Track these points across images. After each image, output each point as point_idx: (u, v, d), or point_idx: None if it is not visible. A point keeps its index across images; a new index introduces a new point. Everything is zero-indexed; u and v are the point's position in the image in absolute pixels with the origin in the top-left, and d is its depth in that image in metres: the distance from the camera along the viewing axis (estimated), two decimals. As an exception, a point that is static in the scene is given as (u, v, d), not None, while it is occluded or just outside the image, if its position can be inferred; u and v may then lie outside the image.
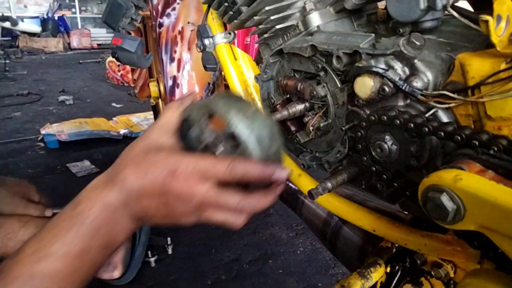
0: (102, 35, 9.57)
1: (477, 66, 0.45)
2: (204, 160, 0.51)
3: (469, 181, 0.39)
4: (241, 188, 0.53)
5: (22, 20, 9.09)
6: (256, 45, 1.39)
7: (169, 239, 1.58)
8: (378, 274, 0.60)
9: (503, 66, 0.43)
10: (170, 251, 1.58)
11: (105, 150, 2.77)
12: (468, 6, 0.73)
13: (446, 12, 0.52)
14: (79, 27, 10.03)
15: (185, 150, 0.56)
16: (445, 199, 0.41)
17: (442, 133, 0.46)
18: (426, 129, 0.47)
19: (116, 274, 1.25)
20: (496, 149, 0.42)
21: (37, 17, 9.42)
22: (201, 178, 0.50)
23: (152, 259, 1.51)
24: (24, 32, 8.74)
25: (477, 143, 0.43)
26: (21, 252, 0.51)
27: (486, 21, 0.41)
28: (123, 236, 0.56)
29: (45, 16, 9.43)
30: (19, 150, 2.77)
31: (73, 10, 10.23)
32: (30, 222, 1.10)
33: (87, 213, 0.52)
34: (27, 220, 1.09)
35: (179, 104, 0.59)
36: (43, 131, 2.95)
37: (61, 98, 4.28)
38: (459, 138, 0.44)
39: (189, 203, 0.51)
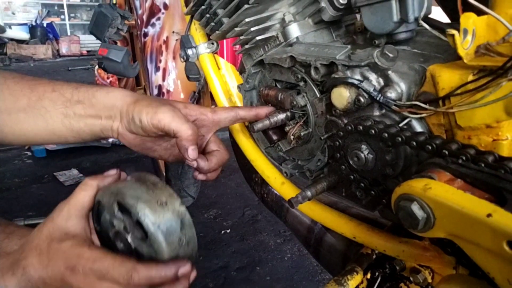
0: (91, 41, 9.53)
1: (447, 78, 0.47)
2: (104, 259, 0.50)
3: (437, 190, 0.40)
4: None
5: (10, 27, 9.02)
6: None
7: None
8: (355, 281, 0.61)
9: (470, 77, 0.44)
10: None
11: (93, 158, 2.76)
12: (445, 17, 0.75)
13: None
14: (68, 33, 9.98)
15: (98, 233, 0.56)
16: (415, 208, 0.42)
17: (414, 143, 0.47)
18: (399, 139, 0.48)
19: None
20: (464, 158, 0.43)
21: (25, 24, 9.36)
22: (100, 278, 0.50)
23: (140, 268, 1.50)
24: (12, 39, 8.67)
25: (447, 152, 0.44)
26: None
27: (453, 35, 0.42)
28: None
29: (34, 23, 9.37)
30: (6, 159, 2.75)
31: (62, 17, 10.18)
32: (14, 232, 1.09)
33: None
34: (10, 231, 1.08)
35: (94, 185, 0.58)
36: (30, 140, 2.93)
37: (49, 105, 4.25)
38: (430, 147, 0.46)
39: None
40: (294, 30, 0.66)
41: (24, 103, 0.68)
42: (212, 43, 0.87)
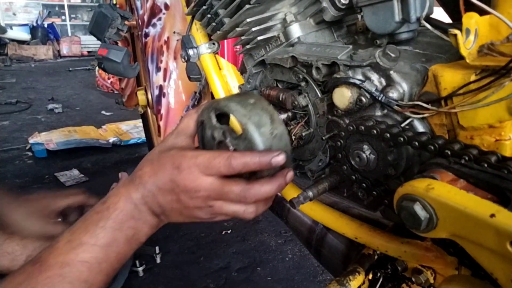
0: (92, 42, 9.53)
1: (449, 78, 0.47)
2: (203, 154, 0.54)
3: (440, 191, 0.40)
4: (247, 178, 0.56)
5: (11, 28, 9.02)
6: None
7: (157, 248, 1.58)
8: (357, 282, 0.61)
9: (473, 77, 0.44)
10: (158, 260, 1.58)
11: (94, 159, 2.76)
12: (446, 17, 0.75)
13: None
14: (69, 34, 9.98)
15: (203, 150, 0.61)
16: (418, 208, 0.41)
17: (417, 143, 0.47)
18: (402, 139, 0.48)
19: None
20: (467, 158, 0.43)
21: (26, 24, 9.36)
22: (203, 171, 0.54)
23: (140, 269, 1.50)
24: (13, 40, 8.67)
25: (449, 152, 0.44)
26: (56, 243, 0.57)
27: (455, 35, 0.42)
28: (147, 231, 0.60)
29: (35, 24, 9.37)
30: (7, 159, 2.75)
31: (63, 17, 10.17)
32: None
33: (113, 207, 0.57)
34: (12, 232, 1.08)
35: (195, 111, 0.63)
36: (31, 140, 2.93)
37: (50, 106, 4.25)
38: (432, 147, 0.45)
39: (197, 197, 0.55)
40: (296, 30, 0.66)
41: None
42: (213, 44, 0.87)
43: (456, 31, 0.42)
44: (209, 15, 0.77)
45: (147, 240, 0.62)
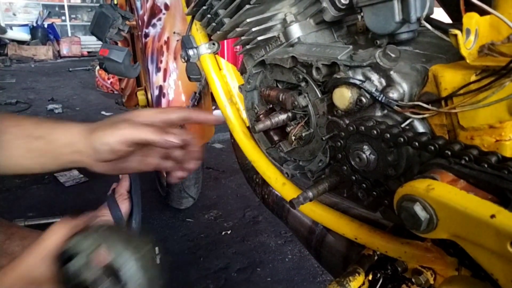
0: (92, 42, 9.54)
1: (449, 78, 0.47)
2: None
3: (440, 191, 0.40)
4: None
5: (11, 28, 9.02)
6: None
7: (157, 248, 1.58)
8: (357, 282, 0.60)
9: (473, 78, 0.44)
10: (158, 261, 1.57)
11: (94, 159, 2.75)
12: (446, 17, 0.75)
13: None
14: (69, 34, 9.99)
15: (61, 280, 0.56)
16: (418, 208, 0.41)
17: (417, 143, 0.47)
18: (402, 139, 0.48)
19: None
20: (467, 159, 0.43)
21: (26, 25, 9.37)
22: None
23: (140, 269, 1.50)
24: (13, 40, 8.68)
25: (449, 153, 0.44)
26: None
27: (455, 35, 0.42)
28: None
29: (35, 24, 9.38)
30: None
31: (63, 17, 10.18)
32: (15, 234, 1.09)
33: None
34: (12, 233, 1.08)
35: (68, 229, 0.59)
36: (31, 140, 2.93)
37: (50, 106, 4.25)
38: (432, 148, 0.45)
39: None
40: (296, 31, 0.66)
41: None
42: (213, 44, 0.87)
43: (457, 31, 0.42)
44: (209, 15, 0.77)
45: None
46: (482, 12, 0.44)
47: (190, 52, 0.86)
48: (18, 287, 0.54)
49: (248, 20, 0.67)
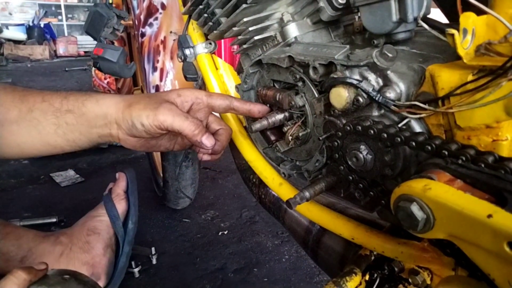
0: (89, 42, 9.49)
1: (446, 78, 0.46)
2: None
3: (437, 191, 0.40)
4: None
5: (7, 28, 8.97)
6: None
7: (153, 248, 1.57)
8: (353, 283, 0.60)
9: (470, 77, 0.44)
10: (154, 261, 1.57)
11: (90, 159, 2.75)
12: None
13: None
14: (66, 34, 9.95)
15: None
16: (415, 208, 0.41)
17: (414, 143, 0.47)
18: (398, 139, 0.48)
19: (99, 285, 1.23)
20: (464, 158, 0.43)
21: (22, 24, 9.32)
22: None
23: (136, 270, 1.49)
24: (9, 40, 8.63)
25: (446, 153, 0.44)
26: None
27: (452, 35, 0.42)
28: None
29: (31, 24, 9.33)
30: (2, 160, 2.73)
31: (59, 17, 10.14)
32: (11, 233, 1.08)
33: None
34: (7, 232, 1.07)
35: (25, 279, 0.58)
36: (26, 140, 2.91)
37: (46, 106, 4.23)
38: (429, 148, 0.45)
39: None
40: (293, 30, 0.66)
41: (15, 115, 0.68)
42: (210, 43, 0.87)
43: (453, 31, 0.42)
44: (205, 15, 0.77)
45: (143, 241, 0.61)
46: (479, 12, 0.44)
47: (187, 51, 0.86)
48: None
49: (244, 19, 0.67)
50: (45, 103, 0.68)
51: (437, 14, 0.67)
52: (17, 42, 8.71)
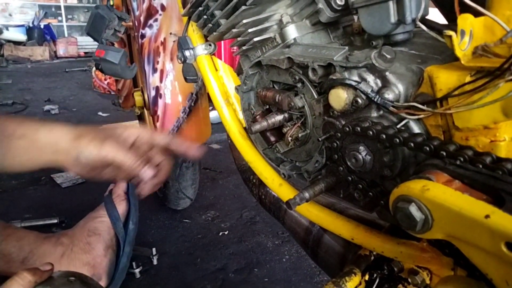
0: (89, 43, 9.49)
1: (444, 79, 0.47)
2: None
3: (436, 192, 0.40)
4: None
5: (7, 29, 8.98)
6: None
7: (154, 249, 1.58)
8: (353, 283, 0.61)
9: (468, 78, 0.44)
10: (155, 262, 1.57)
11: (91, 160, 2.75)
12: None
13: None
14: (66, 35, 9.95)
15: None
16: (413, 209, 0.42)
17: (412, 144, 0.47)
18: (397, 140, 0.48)
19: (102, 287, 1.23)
20: (462, 159, 0.43)
21: (22, 25, 9.32)
22: None
23: (137, 270, 1.49)
24: (9, 41, 8.64)
25: (444, 153, 0.44)
26: None
27: (450, 36, 0.42)
28: None
29: (31, 25, 9.33)
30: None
31: (59, 18, 10.15)
32: (12, 235, 1.08)
33: None
34: (8, 234, 1.07)
35: (31, 281, 0.59)
36: (27, 141, 2.92)
37: (47, 107, 4.23)
38: (427, 148, 0.46)
39: None
40: (292, 32, 0.66)
41: None
42: (210, 45, 0.87)
43: (451, 33, 0.43)
44: (205, 16, 0.77)
45: (143, 242, 0.62)
46: (477, 13, 0.44)
47: (187, 53, 0.86)
48: None
49: (244, 21, 0.67)
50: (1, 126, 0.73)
51: (436, 14, 0.67)
52: (17, 43, 8.72)
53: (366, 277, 0.66)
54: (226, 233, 1.84)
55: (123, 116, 3.72)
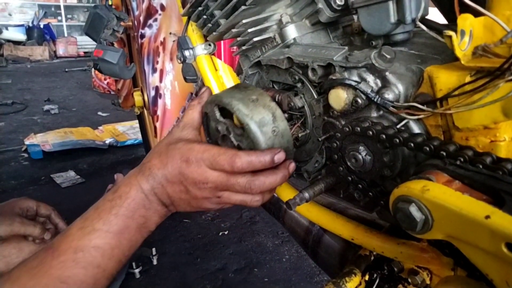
0: (88, 43, 9.48)
1: (444, 79, 0.47)
2: (209, 150, 0.57)
3: (436, 192, 0.40)
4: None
5: (7, 28, 8.97)
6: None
7: (154, 249, 1.58)
8: (353, 283, 0.60)
9: (468, 79, 0.44)
10: (155, 262, 1.57)
11: (90, 160, 2.75)
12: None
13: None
14: (65, 35, 9.94)
15: (209, 142, 0.64)
16: (413, 209, 0.41)
17: (412, 144, 0.47)
18: (397, 140, 0.48)
19: None
20: (462, 159, 0.43)
21: (22, 25, 9.31)
22: (210, 167, 0.56)
23: (137, 270, 1.49)
24: (8, 41, 8.63)
25: (444, 154, 0.44)
26: (69, 230, 0.59)
27: (450, 36, 0.42)
28: (156, 219, 0.62)
29: (30, 24, 9.33)
30: (2, 161, 2.74)
31: (59, 18, 10.13)
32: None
33: (125, 196, 0.59)
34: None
35: (198, 102, 0.66)
36: (27, 142, 2.92)
37: (46, 107, 4.23)
38: (427, 149, 0.46)
39: (205, 188, 0.58)
40: (291, 32, 0.66)
41: None
42: (209, 45, 0.87)
43: (451, 33, 0.42)
44: (205, 16, 0.77)
45: (143, 242, 0.62)
46: (476, 13, 0.44)
47: (186, 53, 0.86)
48: (167, 145, 0.61)
49: (244, 21, 0.67)
50: None
51: (436, 14, 0.67)
52: (17, 43, 8.71)
53: (366, 277, 0.66)
54: (226, 233, 1.84)
55: (123, 116, 3.72)
